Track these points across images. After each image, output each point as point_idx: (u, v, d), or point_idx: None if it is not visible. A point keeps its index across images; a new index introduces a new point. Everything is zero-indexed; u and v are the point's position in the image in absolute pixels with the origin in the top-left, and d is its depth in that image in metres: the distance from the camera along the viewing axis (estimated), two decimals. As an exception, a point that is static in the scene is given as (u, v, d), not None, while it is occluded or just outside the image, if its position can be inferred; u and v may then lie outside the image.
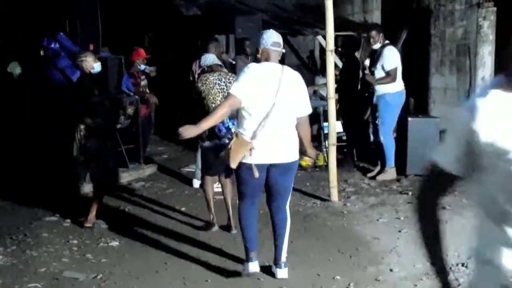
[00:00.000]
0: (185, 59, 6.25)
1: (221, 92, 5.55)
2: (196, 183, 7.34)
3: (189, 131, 4.35)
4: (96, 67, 6.06)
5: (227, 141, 5.19)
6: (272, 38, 4.42)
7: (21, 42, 10.12)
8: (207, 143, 5.62)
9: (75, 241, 5.65)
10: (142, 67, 8.78)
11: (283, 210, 4.61)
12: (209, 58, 5.88)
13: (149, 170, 8.46)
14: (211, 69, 5.81)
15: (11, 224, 6.20)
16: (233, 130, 5.11)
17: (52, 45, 8.17)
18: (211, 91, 5.60)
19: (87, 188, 6.96)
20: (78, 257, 5.28)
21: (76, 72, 7.69)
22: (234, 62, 8.67)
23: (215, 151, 5.51)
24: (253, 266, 4.53)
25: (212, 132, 5.47)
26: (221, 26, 10.62)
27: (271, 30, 4.58)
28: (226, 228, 5.84)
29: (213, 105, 5.49)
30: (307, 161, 4.77)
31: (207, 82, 5.64)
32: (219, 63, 5.99)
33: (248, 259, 4.55)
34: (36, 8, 11.59)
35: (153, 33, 13.67)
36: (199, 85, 5.67)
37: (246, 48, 8.44)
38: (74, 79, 7.53)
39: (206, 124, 4.46)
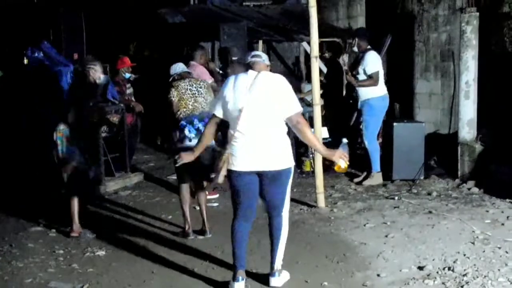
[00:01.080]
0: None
1: (193, 97, 5.89)
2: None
3: (187, 157, 4.70)
4: (102, 78, 6.14)
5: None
6: (252, 53, 4.75)
7: (4, 51, 10.05)
8: (178, 146, 5.69)
9: (61, 251, 5.61)
10: (127, 75, 8.77)
11: (278, 217, 4.56)
12: (179, 67, 6.22)
13: (135, 178, 8.43)
14: (181, 76, 6.12)
15: (-4, 234, 6.16)
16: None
17: (36, 54, 8.12)
18: (183, 97, 5.90)
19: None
20: (64, 267, 5.23)
21: (60, 80, 7.67)
22: (221, 72, 8.67)
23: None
24: (239, 286, 4.47)
25: (182, 135, 5.70)
26: (206, 34, 10.62)
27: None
28: (201, 232, 5.89)
29: (185, 110, 5.83)
30: (339, 166, 4.56)
31: (179, 88, 5.94)
32: (188, 70, 6.33)
33: (234, 278, 4.48)
34: (20, 17, 11.52)
35: (138, 41, 13.64)
36: (172, 91, 5.92)
37: (228, 56, 8.54)
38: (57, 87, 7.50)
39: (200, 147, 4.69)
